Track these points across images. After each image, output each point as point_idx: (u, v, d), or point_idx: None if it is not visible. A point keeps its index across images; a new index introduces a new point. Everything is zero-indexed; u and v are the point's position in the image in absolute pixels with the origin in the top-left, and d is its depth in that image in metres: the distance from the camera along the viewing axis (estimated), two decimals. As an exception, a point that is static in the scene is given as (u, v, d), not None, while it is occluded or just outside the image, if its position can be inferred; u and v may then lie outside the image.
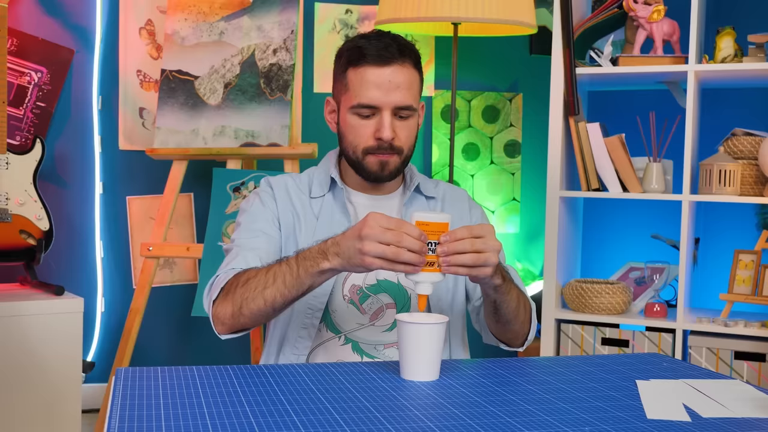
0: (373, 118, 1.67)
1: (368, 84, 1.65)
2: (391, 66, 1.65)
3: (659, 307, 2.91)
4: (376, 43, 1.66)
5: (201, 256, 2.97)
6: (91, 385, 3.34)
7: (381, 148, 1.67)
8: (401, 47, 1.67)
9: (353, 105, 1.67)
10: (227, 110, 3.07)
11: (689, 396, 1.34)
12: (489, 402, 1.27)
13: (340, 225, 1.70)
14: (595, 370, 1.49)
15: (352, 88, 1.67)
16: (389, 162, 1.68)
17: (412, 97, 1.67)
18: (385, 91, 1.64)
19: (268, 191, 1.75)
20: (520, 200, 3.87)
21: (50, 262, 3.24)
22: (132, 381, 1.33)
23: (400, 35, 1.72)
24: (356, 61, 1.66)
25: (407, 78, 1.66)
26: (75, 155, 3.36)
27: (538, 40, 3.72)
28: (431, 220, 1.42)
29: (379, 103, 1.65)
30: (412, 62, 1.68)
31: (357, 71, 1.66)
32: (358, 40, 1.69)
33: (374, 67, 1.65)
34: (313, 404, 1.23)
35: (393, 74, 1.65)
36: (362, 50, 1.66)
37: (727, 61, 2.81)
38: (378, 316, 1.70)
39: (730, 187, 2.77)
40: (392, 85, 1.64)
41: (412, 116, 1.69)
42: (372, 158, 1.68)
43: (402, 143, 1.68)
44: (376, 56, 1.64)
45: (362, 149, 1.68)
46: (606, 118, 3.14)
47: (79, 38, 3.34)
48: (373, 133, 1.67)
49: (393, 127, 1.66)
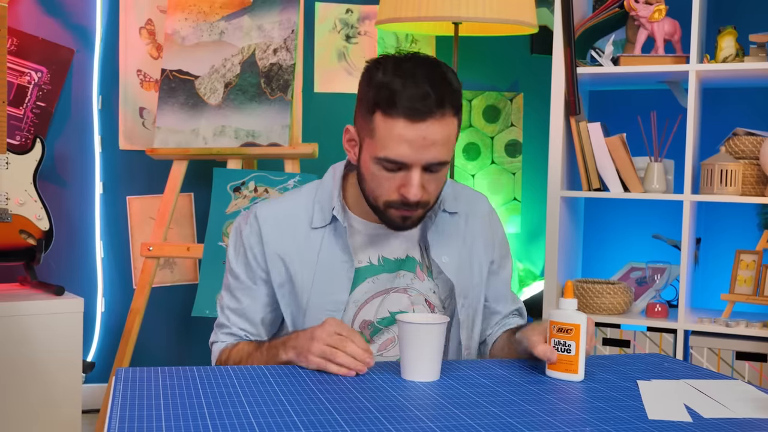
0: (399, 172, 1.47)
1: (399, 139, 1.43)
2: (427, 121, 1.42)
3: (660, 307, 2.91)
4: (412, 90, 1.42)
5: (201, 256, 2.97)
6: (91, 386, 3.34)
7: (405, 204, 1.49)
8: (441, 97, 1.43)
9: (379, 156, 1.46)
10: (227, 110, 3.07)
11: (690, 396, 1.34)
12: (490, 402, 1.27)
13: (341, 264, 1.59)
14: (596, 371, 1.49)
15: (379, 137, 1.46)
16: (412, 216, 1.53)
17: (446, 152, 1.47)
18: (418, 149, 1.43)
19: (254, 233, 1.61)
20: (521, 200, 3.87)
21: (50, 262, 3.24)
22: (132, 381, 1.33)
23: (442, 69, 1.47)
24: (386, 109, 1.43)
25: (445, 133, 1.45)
26: (75, 155, 3.36)
27: (539, 39, 3.72)
28: (565, 320, 1.42)
29: (410, 161, 1.45)
30: (452, 111, 1.45)
31: (386, 121, 1.44)
32: (391, 77, 1.44)
33: (407, 122, 1.42)
34: (314, 404, 1.23)
35: (428, 130, 1.43)
36: (395, 97, 1.42)
37: (729, 61, 2.81)
38: (386, 347, 1.63)
39: (731, 187, 2.77)
40: (427, 141, 1.43)
41: (445, 168, 1.50)
42: (394, 212, 1.52)
43: (430, 197, 1.51)
44: (410, 110, 1.42)
45: (384, 201, 1.51)
46: (607, 118, 3.14)
47: (79, 38, 3.34)
48: (398, 188, 1.48)
49: (422, 183, 1.47)
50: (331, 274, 1.59)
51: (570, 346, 1.41)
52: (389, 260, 1.63)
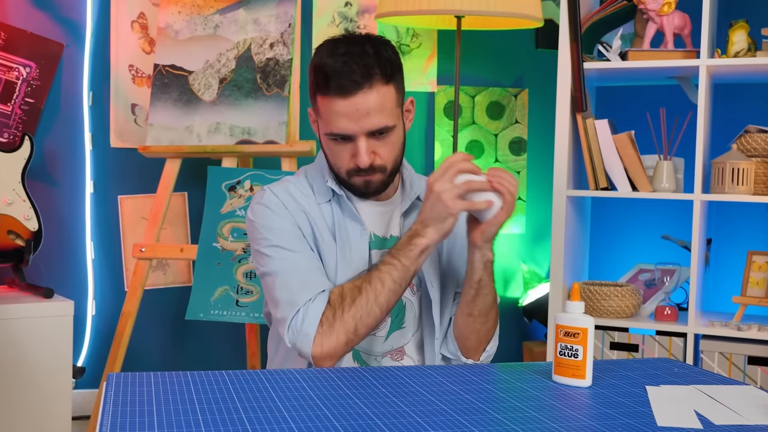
0: (349, 142, 1.65)
1: (337, 115, 1.62)
2: (357, 94, 1.60)
3: (670, 310, 2.91)
4: (341, 68, 1.60)
5: (195, 257, 2.97)
6: (81, 391, 3.34)
7: (361, 170, 1.66)
8: (366, 69, 1.60)
9: (327, 133, 1.66)
10: (222, 106, 3.07)
11: (701, 402, 1.34)
12: (493, 408, 1.27)
13: (354, 232, 1.71)
14: (604, 376, 1.49)
15: (323, 115, 1.66)
16: (372, 180, 1.68)
17: (386, 117, 1.64)
18: (356, 120, 1.62)
19: (276, 202, 1.71)
20: (526, 200, 3.87)
21: (39, 263, 3.24)
22: (124, 387, 1.33)
23: (371, 41, 1.65)
24: (322, 90, 1.63)
25: (377, 100, 1.62)
26: (65, 153, 3.36)
27: (544, 33, 3.72)
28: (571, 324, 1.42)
29: (352, 132, 1.63)
30: (382, 79, 1.62)
31: (324, 100, 1.64)
32: (324, 55, 1.64)
33: (339, 99, 1.61)
34: (311, 411, 1.23)
35: (360, 102, 1.61)
36: (327, 77, 1.61)
37: (740, 56, 2.81)
38: (380, 325, 1.72)
39: (743, 186, 2.77)
40: (361, 112, 1.61)
41: (391, 132, 1.66)
42: (357, 178, 1.68)
43: (384, 161, 1.67)
44: (339, 87, 1.60)
45: (345, 171, 1.68)
46: (615, 115, 3.14)
47: (69, 32, 3.34)
48: (352, 157, 1.66)
49: (371, 149, 1.65)
50: (350, 243, 1.70)
51: (577, 350, 1.41)
52: (380, 238, 1.75)
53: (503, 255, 3.82)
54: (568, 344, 1.42)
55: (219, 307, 2.90)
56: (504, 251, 3.82)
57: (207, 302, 2.91)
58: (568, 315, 1.43)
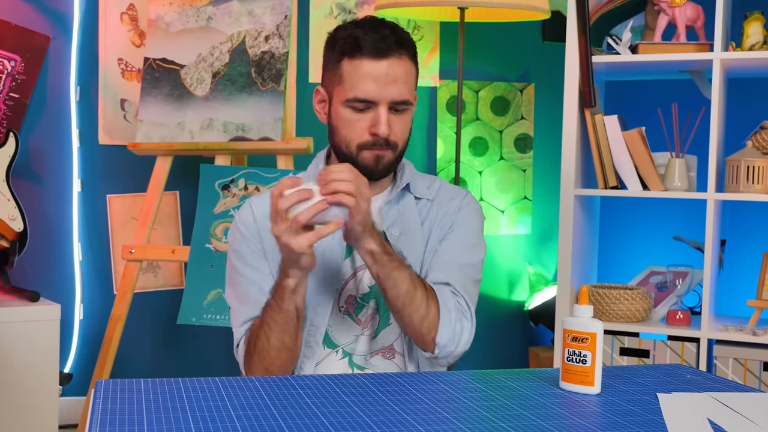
0: (368, 112, 1.70)
1: (365, 77, 1.68)
2: (389, 59, 1.69)
3: (682, 314, 2.91)
4: (372, 35, 1.69)
5: (187, 259, 2.97)
6: (68, 399, 3.34)
7: (376, 143, 1.71)
8: (399, 39, 1.71)
9: (348, 98, 1.70)
10: (215, 102, 3.07)
11: (715, 411, 1.34)
12: (497, 416, 1.27)
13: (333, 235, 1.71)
14: (613, 383, 1.49)
15: (347, 80, 1.70)
16: (384, 156, 1.72)
17: (408, 91, 1.72)
18: (382, 85, 1.68)
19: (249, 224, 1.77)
20: (532, 199, 3.87)
21: (24, 265, 3.24)
22: (113, 394, 1.33)
23: (396, 24, 1.75)
24: (351, 53, 1.70)
25: (405, 71, 1.71)
26: (51, 150, 3.37)
27: (551, 25, 3.72)
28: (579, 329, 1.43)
29: (376, 98, 1.69)
30: (409, 55, 1.72)
31: (352, 63, 1.69)
32: (353, 29, 1.72)
33: (371, 60, 1.68)
34: (307, 418, 1.23)
35: (390, 67, 1.69)
36: (358, 41, 1.69)
37: (756, 49, 2.81)
38: (369, 322, 1.76)
39: (758, 184, 2.77)
40: (389, 78, 1.68)
41: (408, 110, 1.74)
42: (367, 153, 1.72)
43: (397, 138, 1.73)
44: (373, 48, 1.68)
45: (357, 144, 1.72)
46: (624, 111, 3.14)
47: (55, 24, 3.34)
48: (368, 128, 1.70)
49: (389, 122, 1.70)
50: (324, 243, 1.72)
51: (585, 356, 1.41)
52: None
53: (508, 256, 3.82)
54: (576, 350, 1.42)
55: (212, 311, 2.90)
56: (509, 252, 3.83)
57: (199, 306, 2.91)
58: (576, 319, 1.43)
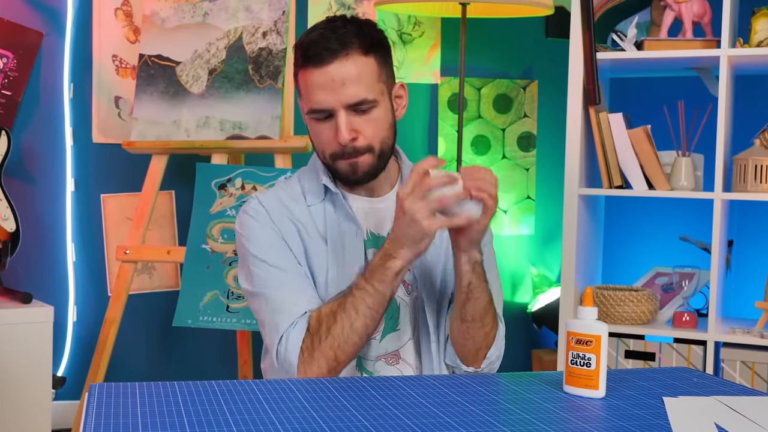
0: (331, 120, 1.67)
1: (313, 87, 1.65)
2: (333, 63, 1.63)
3: (688, 316, 2.91)
4: (316, 39, 1.65)
5: (183, 260, 2.97)
6: (61, 403, 3.34)
7: (345, 152, 1.67)
8: (342, 38, 1.64)
9: (307, 111, 1.69)
10: (212, 99, 3.07)
11: (722, 415, 1.34)
12: (499, 421, 1.27)
13: (349, 232, 1.72)
14: (618, 386, 1.49)
15: (303, 92, 1.69)
16: (359, 163, 1.69)
17: (365, 89, 1.65)
18: (331, 91, 1.64)
19: (262, 212, 1.74)
20: (535, 199, 3.87)
21: (17, 266, 3.24)
22: (107, 398, 1.33)
23: (348, 18, 1.70)
24: (302, 64, 1.67)
25: (356, 70, 1.64)
26: (44, 149, 3.36)
27: (554, 21, 3.72)
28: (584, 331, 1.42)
29: (330, 105, 1.65)
30: (360, 50, 1.65)
31: (304, 74, 1.67)
32: (303, 37, 1.69)
33: (315, 68, 1.65)
34: (307, 424, 1.23)
35: (336, 71, 1.63)
36: (305, 50, 1.66)
37: (764, 45, 2.81)
38: (379, 329, 1.74)
39: (766, 184, 2.77)
40: (337, 83, 1.63)
41: (374, 108, 1.67)
42: (341, 163, 1.69)
43: (368, 140, 1.68)
44: (315, 56, 1.64)
45: (329, 154, 1.70)
46: (630, 108, 3.14)
47: (48, 20, 3.34)
48: (335, 137, 1.67)
49: (352, 126, 1.66)
50: (343, 245, 1.71)
51: (589, 359, 1.41)
52: (375, 235, 1.76)
53: (511, 257, 3.82)
54: (581, 352, 1.42)
55: (208, 313, 2.90)
56: (512, 253, 3.83)
57: (195, 308, 2.91)
58: (581, 321, 1.43)
